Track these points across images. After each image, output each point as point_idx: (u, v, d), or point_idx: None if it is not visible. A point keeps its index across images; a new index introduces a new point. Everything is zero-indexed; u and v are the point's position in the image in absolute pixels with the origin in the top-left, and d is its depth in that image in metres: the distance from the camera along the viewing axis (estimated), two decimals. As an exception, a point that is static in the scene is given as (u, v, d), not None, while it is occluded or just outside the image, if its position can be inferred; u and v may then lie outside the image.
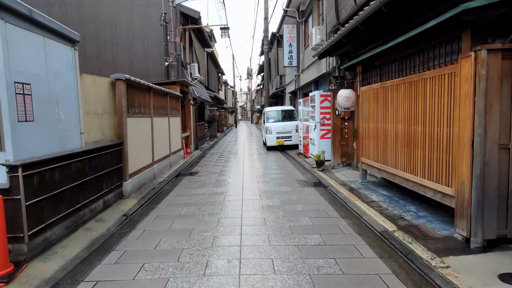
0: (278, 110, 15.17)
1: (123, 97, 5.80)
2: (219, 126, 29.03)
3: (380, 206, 5.11)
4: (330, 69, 9.49)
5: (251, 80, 60.95)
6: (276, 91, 21.30)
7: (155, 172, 7.83)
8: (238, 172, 8.82)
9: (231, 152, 13.89)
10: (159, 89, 8.29)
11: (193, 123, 13.93)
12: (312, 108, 9.96)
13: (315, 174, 8.18)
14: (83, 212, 4.46)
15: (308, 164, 9.65)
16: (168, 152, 9.33)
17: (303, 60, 14.15)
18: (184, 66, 14.32)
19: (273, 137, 14.03)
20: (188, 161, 11.20)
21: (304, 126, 11.25)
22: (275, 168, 9.47)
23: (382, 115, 5.64)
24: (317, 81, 12.58)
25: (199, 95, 14.76)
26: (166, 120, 9.29)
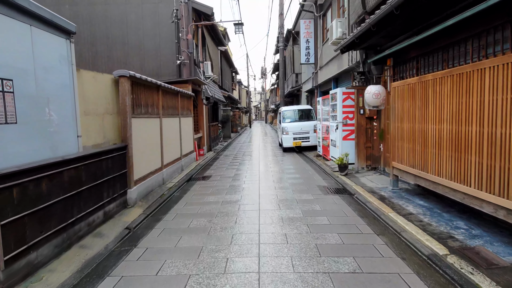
0: (295, 109, 14.46)
1: (127, 96, 5.25)
2: (233, 127, 28.50)
3: (420, 221, 4.36)
4: (353, 64, 8.73)
5: (265, 80, 60.30)
6: (291, 90, 20.56)
7: (165, 177, 7.28)
8: (253, 177, 8.18)
9: (246, 154, 13.27)
10: (169, 88, 7.74)
11: (206, 123, 13.39)
12: (333, 107, 9.22)
13: (338, 179, 7.45)
14: (78, 226, 3.91)
15: (329, 167, 8.92)
16: (179, 154, 8.78)
17: (321, 57, 13.39)
18: (197, 65, 13.81)
19: (289, 138, 13.33)
20: (201, 163, 10.65)
21: (324, 127, 10.52)
22: (293, 171, 8.78)
23: (420, 113, 4.88)
24: (337, 78, 11.81)
25: (212, 95, 14.22)
26: (177, 121, 8.75)
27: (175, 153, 8.35)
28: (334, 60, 11.10)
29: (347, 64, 9.30)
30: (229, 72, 28.38)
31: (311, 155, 11.94)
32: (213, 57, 17.58)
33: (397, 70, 5.89)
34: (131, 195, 5.38)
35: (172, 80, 10.48)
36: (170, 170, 7.75)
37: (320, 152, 11.16)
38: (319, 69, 13.76)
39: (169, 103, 7.98)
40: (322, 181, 7.45)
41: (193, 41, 13.45)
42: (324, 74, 12.93)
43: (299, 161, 10.93)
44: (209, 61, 14.61)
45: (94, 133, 4.76)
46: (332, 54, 11.46)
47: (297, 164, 10.22)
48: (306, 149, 13.46)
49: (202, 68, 14.05)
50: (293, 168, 9.33)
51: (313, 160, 10.69)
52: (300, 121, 13.77)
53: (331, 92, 9.26)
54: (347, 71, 9.92)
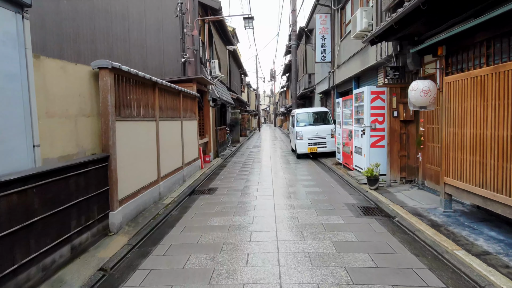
0: (310, 112, 13.24)
1: (109, 93, 4.13)
2: (242, 130, 27.39)
3: (507, 266, 3.11)
4: (382, 58, 7.49)
5: (274, 83, 59.21)
6: (304, 91, 19.34)
7: (162, 191, 6.14)
8: (266, 190, 6.99)
9: (256, 161, 12.08)
10: (168, 86, 6.62)
11: (212, 127, 12.28)
12: (357, 108, 7.99)
13: (368, 194, 6.21)
14: (26, 274, 2.77)
15: (353, 178, 7.67)
16: (180, 163, 7.65)
17: (339, 54, 12.17)
18: (203, 63, 12.73)
19: (304, 143, 12.11)
20: (206, 172, 9.50)
21: (345, 132, 9.27)
22: (312, 183, 7.56)
23: (496, 116, 3.63)
24: (358, 76, 10.56)
25: (220, 96, 13.11)
26: (178, 124, 7.63)
27: (175, 162, 7.22)
28: (356, 57, 9.87)
29: (374, 59, 8.07)
30: (237, 73, 27.33)
31: (328, 162, 10.70)
32: (221, 56, 16.51)
33: (451, 61, 4.65)
34: (114, 219, 4.24)
35: (175, 79, 9.39)
36: (169, 182, 6.61)
37: (340, 159, 9.90)
38: (336, 67, 12.53)
39: (168, 104, 6.86)
40: (349, 197, 6.21)
41: (199, 38, 12.38)
42: (342, 73, 11.70)
43: (316, 170, 9.69)
44: (216, 59, 13.53)
45: (62, 141, 3.63)
46: (353, 50, 10.24)
47: (315, 174, 8.99)
48: (322, 156, 12.22)
49: (209, 67, 12.97)
50: (311, 179, 8.10)
51: (333, 169, 9.44)
52: (316, 125, 12.54)
53: (356, 92, 8.03)
54: (374, 67, 8.68)
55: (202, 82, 10.43)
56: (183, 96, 8.05)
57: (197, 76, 9.34)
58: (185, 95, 8.34)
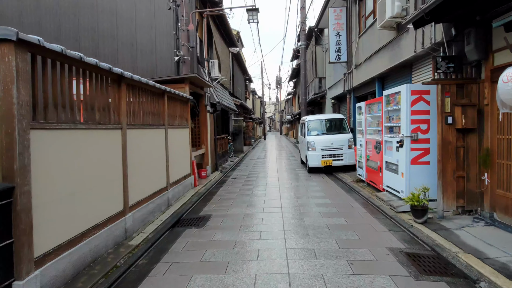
0: (322, 119, 11.53)
1: (14, 83, 2.48)
2: (246, 139, 25.74)
3: None
4: (425, 49, 5.78)
5: (280, 90, 57.79)
6: (314, 97, 17.67)
7: (130, 226, 4.45)
8: (273, 221, 5.25)
9: (261, 176, 10.36)
10: (143, 83, 4.98)
11: (210, 136, 10.62)
12: (390, 114, 6.27)
13: (415, 231, 4.46)
14: None
15: (386, 203, 5.92)
16: (163, 183, 5.97)
17: (358, 52, 10.51)
18: (201, 63, 11.14)
19: (317, 155, 10.38)
20: (200, 191, 7.80)
21: (370, 142, 7.54)
22: (334, 211, 5.80)
23: None
24: (383, 76, 8.86)
25: (220, 100, 11.48)
26: (161, 134, 5.97)
27: (155, 183, 5.54)
28: (381, 53, 8.19)
29: (410, 51, 6.36)
30: (241, 79, 25.82)
31: (347, 179, 8.93)
32: (223, 57, 14.96)
33: None
34: (24, 293, 2.54)
35: (162, 79, 7.78)
36: (143, 212, 4.92)
37: (363, 176, 8.14)
38: (354, 68, 10.85)
39: (145, 108, 5.22)
40: (390, 236, 4.45)
41: (196, 34, 10.83)
42: (362, 74, 10.01)
43: (334, 189, 7.92)
44: (216, 59, 11.95)
45: None
46: (375, 45, 8.57)
47: (334, 195, 7.22)
48: (338, 170, 10.47)
49: (207, 67, 11.37)
50: (331, 204, 6.35)
51: (354, 188, 7.68)
52: (330, 134, 10.82)
53: (388, 93, 6.31)
54: (407, 63, 6.97)
55: (197, 83, 8.81)
56: (168, 98, 6.41)
57: (190, 75, 7.72)
58: (172, 97, 6.71)
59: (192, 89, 8.90)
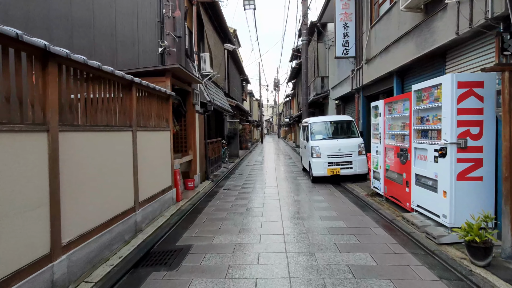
0: (327, 121, 10.15)
1: None
2: (243, 142, 24.33)
3: None
4: (473, 27, 4.40)
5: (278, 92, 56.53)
6: (315, 97, 16.31)
7: (59, 277, 3.00)
8: (274, 258, 3.84)
9: (258, 187, 8.94)
10: (90, 66, 3.56)
11: (200, 140, 9.20)
12: (424, 113, 4.91)
13: (478, 280, 3.06)
14: None
15: (417, 228, 4.54)
16: (128, 203, 4.53)
17: (370, 45, 9.16)
18: (190, 56, 9.75)
19: (322, 162, 8.99)
20: (184, 208, 6.38)
21: (390, 149, 6.16)
22: (354, 241, 4.39)
23: None
24: (404, 70, 7.47)
25: (211, 99, 10.06)
26: (127, 139, 4.55)
27: (111, 206, 4.10)
28: (403, 41, 6.83)
29: (449, 33, 4.98)
30: (238, 79, 24.45)
31: (359, 191, 7.54)
32: (216, 53, 13.57)
33: None
34: None
35: (137, 71, 6.37)
36: (88, 250, 3.48)
37: (380, 189, 6.75)
38: (364, 63, 9.49)
39: (100, 103, 3.80)
40: (440, 284, 3.06)
41: (185, 24, 9.46)
42: (376, 69, 8.65)
43: (346, 205, 6.51)
44: (208, 53, 10.56)
45: None
46: (394, 34, 7.23)
47: (348, 214, 5.81)
48: (346, 179, 9.09)
49: (196, 61, 9.96)
50: (347, 227, 4.94)
51: (371, 205, 6.29)
52: (337, 138, 9.45)
53: (419, 88, 4.94)
54: (440, 51, 5.58)
55: (183, 77, 7.40)
56: (139, 92, 5.01)
57: (172, 66, 6.31)
58: (146, 92, 5.29)
59: (177, 84, 7.50)
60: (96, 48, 9.33)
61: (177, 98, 7.47)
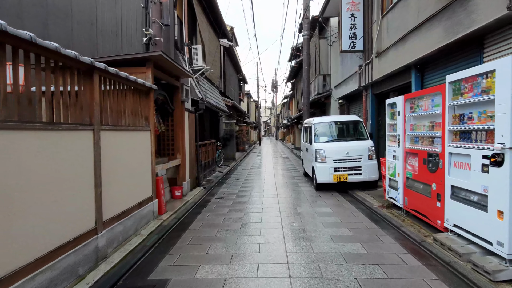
0: (333, 122, 9.13)
1: None
2: (240, 144, 23.29)
3: None
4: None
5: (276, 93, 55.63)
6: (317, 97, 15.30)
7: None
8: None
9: (255, 195, 7.90)
10: (26, 39, 2.52)
11: (190, 141, 8.16)
12: (465, 109, 3.90)
13: None
14: None
15: (459, 256, 3.51)
16: (88, 224, 3.48)
17: (381, 36, 8.18)
18: (179, 49, 8.73)
19: (327, 168, 7.97)
20: (166, 224, 5.34)
21: (415, 154, 5.14)
22: (380, 275, 3.37)
23: None
24: (424, 63, 6.46)
25: (204, 96, 9.02)
26: (84, 141, 3.50)
27: (59, 232, 3.04)
28: (427, 27, 5.83)
29: (495, 10, 3.98)
30: (235, 78, 23.44)
31: (371, 201, 6.53)
32: (211, 49, 12.56)
33: None
34: None
35: (113, 59, 5.32)
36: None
37: (398, 200, 5.72)
38: (375, 56, 8.50)
39: (49, 94, 2.76)
40: None
41: (174, 12, 8.45)
42: (389, 62, 7.66)
43: (360, 220, 5.48)
44: (200, 45, 9.53)
45: None
46: (414, 19, 6.25)
47: (364, 233, 4.78)
48: (352, 186, 8.09)
49: (187, 54, 8.93)
50: (366, 253, 3.91)
51: (390, 220, 5.27)
52: (345, 141, 8.45)
53: (458, 78, 3.93)
54: (477, 34, 4.58)
55: (168, 68, 6.36)
56: (105, 81, 3.97)
57: (153, 54, 5.27)
58: (114, 81, 4.25)
59: (163, 78, 6.48)
60: (74, 39, 8.28)
61: (162, 93, 6.43)
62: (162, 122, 7.01)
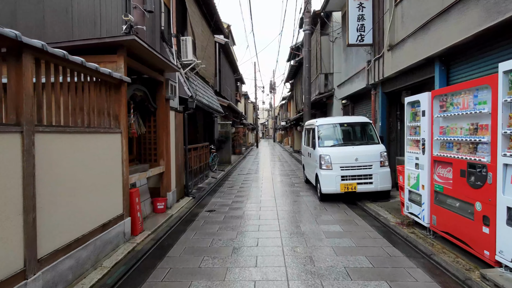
0: (338, 123, 8.11)
1: None
2: (236, 147, 22.26)
3: None
4: None
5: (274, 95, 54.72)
6: (318, 97, 14.31)
7: None
8: None
9: (250, 207, 6.87)
10: None
11: (177, 145, 7.13)
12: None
13: None
14: None
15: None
16: (15, 266, 2.44)
17: (395, 26, 7.21)
18: (165, 39, 7.72)
19: (333, 176, 6.97)
20: (140, 248, 4.30)
21: (448, 163, 4.13)
22: None
23: None
24: (452, 54, 5.45)
25: (194, 94, 7.99)
26: (9, 149, 2.47)
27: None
28: (459, 9, 4.84)
29: None
30: (231, 78, 22.45)
31: (387, 216, 5.51)
32: (204, 43, 11.54)
33: None
34: None
35: (73, 44, 4.30)
36: None
37: (423, 218, 4.71)
38: (387, 49, 7.52)
39: None
40: None
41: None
42: (405, 56, 6.67)
43: (379, 243, 4.46)
44: (190, 36, 8.51)
45: None
46: (439, 4, 5.26)
47: (387, 262, 3.77)
48: (361, 196, 7.11)
49: (175, 46, 7.90)
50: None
51: (414, 244, 4.27)
52: (353, 145, 7.46)
53: (520, 64, 2.95)
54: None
55: (148, 58, 5.33)
56: (49, 67, 2.95)
57: (124, 38, 4.26)
58: (66, 67, 3.22)
59: (144, 71, 5.46)
60: (46, 29, 7.26)
61: (140, 88, 5.40)
62: (142, 122, 5.99)
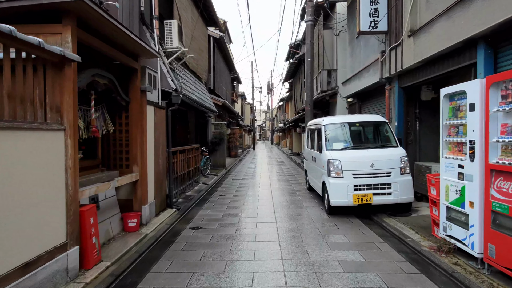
0: (348, 123, 6.90)
1: None
2: (232, 149, 21.04)
3: None
4: None
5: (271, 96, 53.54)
6: (320, 95, 13.14)
7: None
8: None
9: (245, 223, 5.67)
10: None
11: (157, 147, 5.92)
12: None
13: None
14: None
15: None
16: None
17: (417, 8, 6.08)
18: (146, 23, 6.51)
19: (345, 185, 5.79)
20: (85, 294, 3.06)
21: (507, 174, 2.99)
22: None
23: None
24: (501, 31, 4.29)
25: (179, 87, 6.77)
26: None
27: None
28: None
29: None
30: (227, 76, 21.26)
31: (414, 237, 4.31)
32: (195, 34, 10.35)
33: None
34: None
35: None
36: None
37: (473, 247, 3.53)
38: (408, 35, 6.37)
39: None
40: None
41: (139, -27, 6.23)
42: (432, 42, 5.51)
43: (414, 280, 3.27)
44: (176, 20, 7.31)
45: None
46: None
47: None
48: (376, 209, 5.94)
49: (157, 30, 6.67)
50: None
51: (463, 282, 3.07)
52: (367, 148, 6.28)
53: None
54: None
55: (111, 33, 4.12)
56: None
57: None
58: None
59: (115, 56, 4.24)
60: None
61: (103, 74, 4.18)
62: (109, 119, 4.77)
